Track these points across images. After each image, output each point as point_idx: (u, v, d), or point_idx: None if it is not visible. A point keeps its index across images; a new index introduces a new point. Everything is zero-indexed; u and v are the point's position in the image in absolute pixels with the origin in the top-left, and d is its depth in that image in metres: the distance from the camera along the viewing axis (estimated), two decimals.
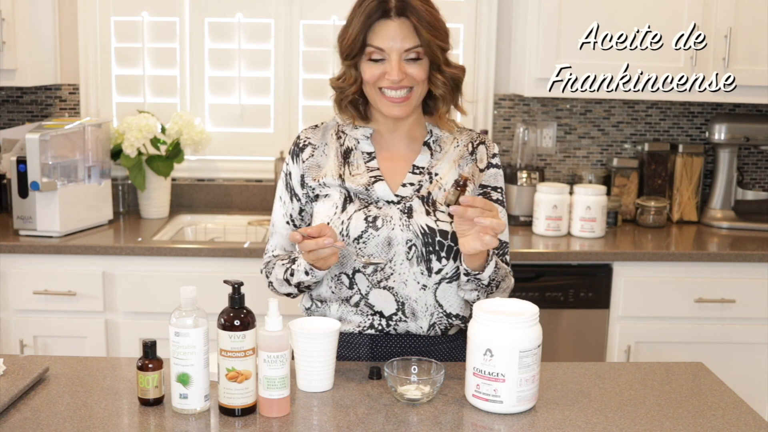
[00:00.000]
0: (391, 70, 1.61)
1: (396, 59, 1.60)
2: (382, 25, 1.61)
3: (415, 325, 1.69)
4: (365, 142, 1.73)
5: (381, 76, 1.62)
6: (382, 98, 1.64)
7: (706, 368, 1.70)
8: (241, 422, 1.40)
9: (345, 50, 1.65)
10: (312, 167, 1.73)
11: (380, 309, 1.68)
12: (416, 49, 1.61)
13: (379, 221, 1.64)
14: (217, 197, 3.29)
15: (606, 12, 2.88)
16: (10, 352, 2.69)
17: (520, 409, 1.44)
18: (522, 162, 3.19)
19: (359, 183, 1.68)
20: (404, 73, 1.61)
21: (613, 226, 3.12)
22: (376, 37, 1.61)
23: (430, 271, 1.66)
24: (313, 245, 1.51)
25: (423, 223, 1.64)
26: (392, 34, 1.60)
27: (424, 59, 1.63)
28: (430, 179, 1.69)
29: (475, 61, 3.22)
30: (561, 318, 2.79)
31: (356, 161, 1.71)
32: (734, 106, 3.32)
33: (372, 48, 1.62)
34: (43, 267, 2.68)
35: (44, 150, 2.69)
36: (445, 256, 1.65)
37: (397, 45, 1.60)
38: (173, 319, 1.40)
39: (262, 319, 1.40)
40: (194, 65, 3.21)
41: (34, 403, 1.45)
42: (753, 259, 2.76)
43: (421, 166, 1.71)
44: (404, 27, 1.60)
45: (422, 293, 1.67)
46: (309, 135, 1.76)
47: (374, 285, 1.66)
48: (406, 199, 1.67)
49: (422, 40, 1.60)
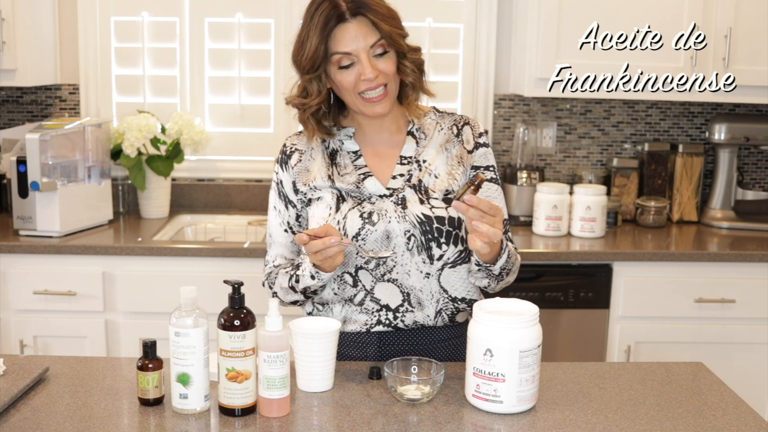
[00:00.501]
0: (363, 70, 1.61)
1: (365, 58, 1.61)
2: (342, 30, 1.61)
3: (422, 314, 1.69)
4: (349, 141, 1.73)
5: (357, 80, 1.63)
6: (363, 102, 1.65)
7: (706, 368, 1.70)
8: (241, 422, 1.40)
9: (306, 64, 1.64)
10: (301, 172, 1.73)
11: (386, 302, 1.68)
12: (380, 43, 1.62)
13: (375, 216, 1.65)
14: (217, 197, 3.29)
15: (606, 12, 2.88)
16: (10, 352, 2.69)
17: (520, 409, 1.44)
18: (522, 162, 3.19)
19: (349, 182, 1.69)
20: (377, 70, 1.62)
21: (613, 226, 3.12)
22: (338, 43, 1.61)
23: (431, 258, 1.66)
24: (321, 245, 1.50)
25: (418, 212, 1.65)
26: (354, 35, 1.61)
27: (390, 51, 1.64)
28: (419, 167, 1.71)
29: (475, 61, 3.22)
30: (561, 318, 2.79)
31: (343, 161, 1.72)
32: (734, 106, 3.32)
33: (339, 54, 1.62)
34: (43, 267, 2.68)
35: (44, 150, 2.69)
36: (444, 241, 1.66)
37: (362, 44, 1.61)
38: (173, 319, 1.40)
39: (262, 319, 1.40)
40: (194, 65, 3.21)
41: (34, 403, 1.45)
42: (753, 259, 2.76)
43: (408, 155, 1.72)
44: (362, 25, 1.61)
45: (426, 281, 1.68)
46: (294, 141, 1.77)
47: (378, 279, 1.67)
48: (398, 191, 1.68)
49: (383, 32, 1.61)
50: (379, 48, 1.62)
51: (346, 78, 1.63)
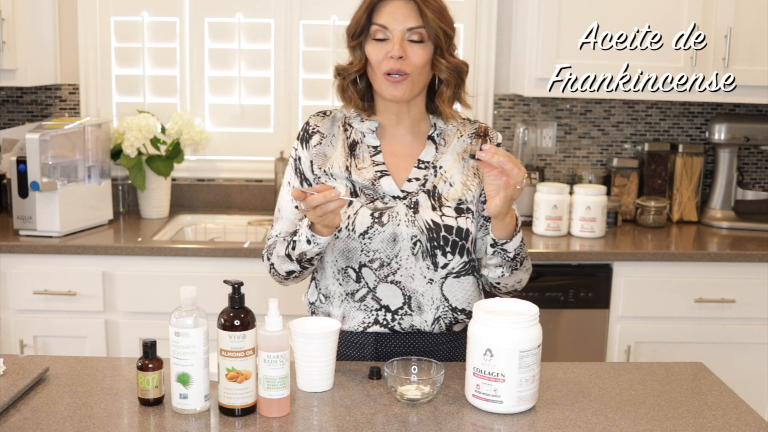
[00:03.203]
0: (392, 47, 1.62)
1: (398, 37, 1.62)
2: (387, 4, 1.64)
3: (420, 319, 1.69)
4: (371, 135, 1.73)
5: (385, 58, 1.63)
6: (383, 80, 1.65)
7: (706, 368, 1.70)
8: (241, 422, 1.40)
9: (351, 30, 1.68)
10: (319, 155, 1.73)
11: (387, 303, 1.68)
12: (419, 30, 1.63)
13: (385, 217, 1.65)
14: (217, 197, 3.29)
15: (606, 12, 2.88)
16: (10, 352, 2.69)
17: (520, 409, 1.44)
18: (522, 162, 3.19)
19: (365, 178, 1.69)
20: (405, 52, 1.62)
21: (613, 226, 3.12)
22: (380, 15, 1.64)
23: (435, 265, 1.67)
24: (321, 198, 1.47)
25: (428, 218, 1.65)
26: (395, 12, 1.63)
27: (427, 43, 1.64)
28: (435, 173, 1.71)
29: (475, 61, 3.22)
30: (561, 318, 2.79)
31: (362, 154, 1.72)
32: (734, 106, 3.32)
33: (376, 26, 1.64)
34: (43, 267, 2.68)
35: (44, 150, 2.69)
36: (450, 251, 1.66)
37: (400, 23, 1.62)
38: (173, 319, 1.40)
39: (262, 319, 1.40)
40: (194, 65, 3.21)
41: (34, 403, 1.45)
42: (753, 259, 2.76)
43: (426, 160, 1.72)
44: (409, 7, 1.63)
45: (429, 287, 1.68)
46: (318, 123, 1.76)
47: (382, 279, 1.67)
48: (412, 194, 1.68)
49: (426, 21, 1.62)
50: (416, 35, 1.63)
51: (375, 51, 1.64)
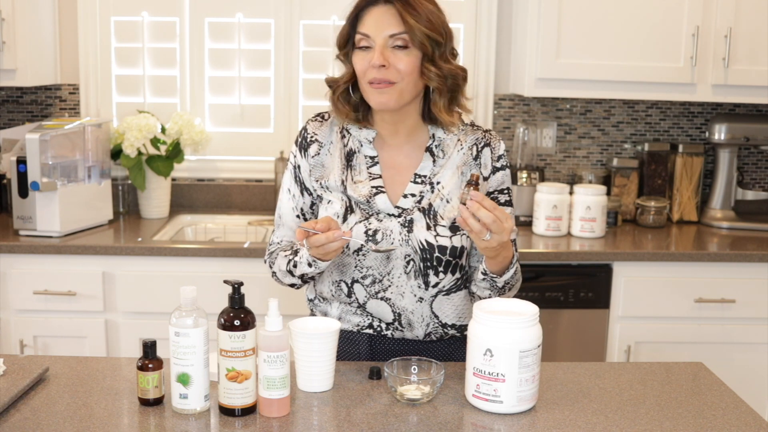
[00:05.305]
0: (374, 56, 1.58)
1: (380, 44, 1.58)
2: (368, 12, 1.60)
3: (411, 334, 1.71)
4: (368, 146, 1.70)
5: (368, 66, 1.59)
6: (369, 88, 1.61)
7: (706, 368, 1.70)
8: (241, 422, 1.40)
9: (338, 40, 1.66)
10: (317, 166, 1.72)
11: (378, 317, 1.70)
12: (402, 36, 1.58)
13: (379, 235, 1.64)
14: (217, 197, 3.29)
15: (605, 12, 2.88)
16: (10, 352, 2.69)
17: (520, 409, 1.44)
18: (522, 162, 3.19)
19: (361, 193, 1.66)
20: (387, 60, 1.57)
21: (613, 226, 3.12)
22: (362, 23, 1.61)
23: (427, 284, 1.66)
24: (324, 239, 1.49)
25: (422, 238, 1.63)
26: (377, 20, 1.59)
27: (412, 49, 1.59)
28: (432, 189, 1.67)
29: (475, 61, 3.22)
30: (561, 318, 2.79)
31: (359, 165, 1.69)
32: (734, 106, 3.32)
33: (360, 35, 1.61)
34: (43, 267, 2.68)
35: (44, 150, 2.69)
36: (443, 270, 1.65)
37: (382, 30, 1.58)
38: (173, 319, 1.40)
39: (262, 319, 1.40)
40: (194, 65, 3.21)
41: (34, 403, 1.45)
42: (753, 259, 2.76)
43: (423, 174, 1.68)
44: (389, 13, 1.58)
45: (418, 305, 1.68)
46: (316, 131, 1.73)
47: (372, 296, 1.67)
48: (407, 212, 1.66)
49: (408, 27, 1.57)
50: (400, 41, 1.58)
51: (360, 60, 1.61)
